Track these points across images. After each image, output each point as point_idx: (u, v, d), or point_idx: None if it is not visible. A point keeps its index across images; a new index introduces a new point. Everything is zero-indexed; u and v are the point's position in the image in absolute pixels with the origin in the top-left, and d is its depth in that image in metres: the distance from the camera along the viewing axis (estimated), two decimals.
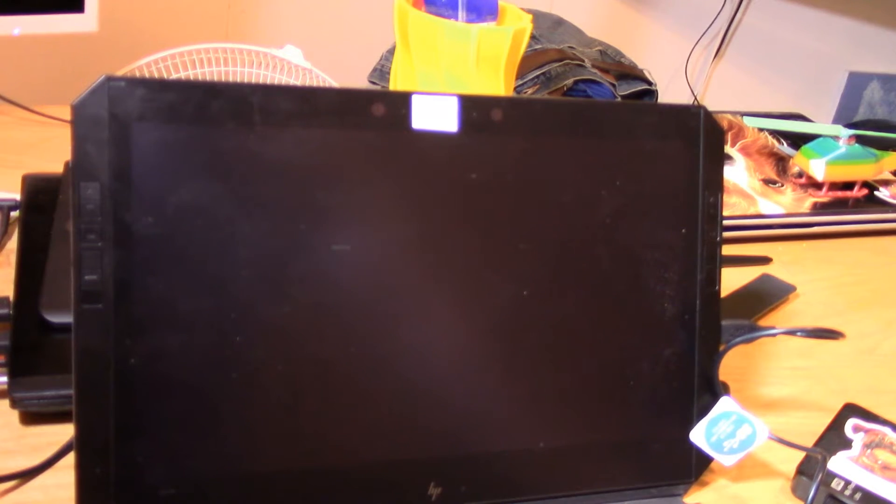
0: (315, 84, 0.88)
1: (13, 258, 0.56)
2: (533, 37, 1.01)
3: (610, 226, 0.46)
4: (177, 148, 0.39)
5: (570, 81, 0.96)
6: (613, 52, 1.08)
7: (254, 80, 0.86)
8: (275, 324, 0.40)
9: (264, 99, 0.40)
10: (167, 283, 0.39)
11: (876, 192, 0.91)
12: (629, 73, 1.05)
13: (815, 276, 0.77)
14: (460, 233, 0.44)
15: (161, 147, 0.38)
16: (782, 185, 0.88)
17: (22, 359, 0.47)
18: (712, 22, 1.43)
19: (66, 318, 0.40)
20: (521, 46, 0.67)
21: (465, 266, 0.44)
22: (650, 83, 1.05)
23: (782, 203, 0.84)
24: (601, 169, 0.46)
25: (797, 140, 0.95)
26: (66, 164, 0.65)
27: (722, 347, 0.49)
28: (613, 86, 1.00)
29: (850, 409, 0.56)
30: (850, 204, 0.88)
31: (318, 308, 0.41)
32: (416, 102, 0.42)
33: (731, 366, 0.50)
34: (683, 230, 0.48)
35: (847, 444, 0.53)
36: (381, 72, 1.01)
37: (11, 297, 0.51)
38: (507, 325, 0.45)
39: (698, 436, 0.48)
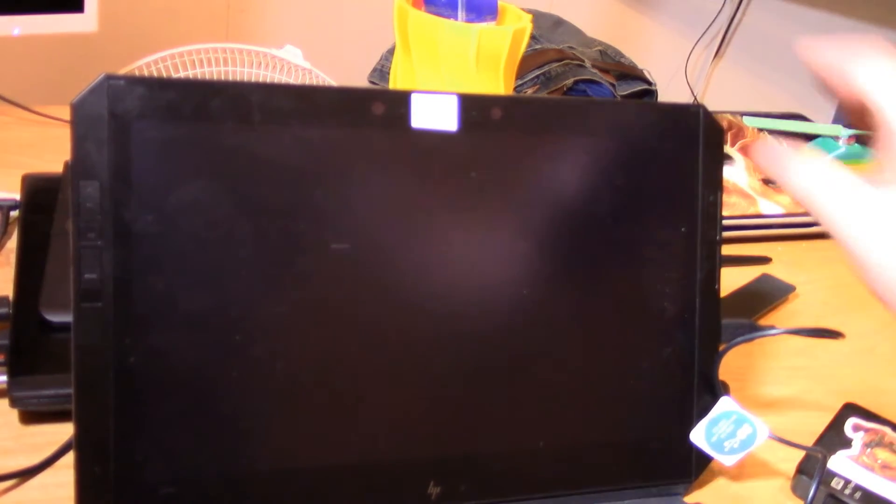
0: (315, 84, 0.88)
1: (13, 258, 0.56)
2: (533, 37, 1.01)
3: (609, 225, 0.46)
4: (176, 146, 0.39)
5: (569, 81, 0.96)
6: (613, 52, 1.08)
7: (253, 80, 0.86)
8: (274, 322, 0.40)
9: (264, 97, 0.40)
10: (167, 282, 0.39)
11: None
12: (629, 73, 1.05)
13: (814, 276, 0.77)
14: (459, 232, 0.44)
15: (160, 145, 0.38)
16: None
17: (21, 358, 0.47)
18: (712, 22, 1.43)
19: (66, 318, 0.40)
20: (521, 46, 0.67)
21: (464, 265, 0.44)
22: (650, 83, 1.05)
23: (782, 203, 0.84)
24: (600, 168, 0.46)
25: (797, 140, 0.95)
26: (66, 164, 0.65)
27: (722, 347, 0.49)
28: (613, 86, 1.00)
29: (850, 409, 0.56)
30: None
31: (317, 307, 0.41)
32: (416, 101, 0.42)
33: (730, 365, 0.50)
34: (683, 229, 0.48)
35: (847, 443, 0.53)
36: (381, 72, 1.01)
37: (11, 297, 0.51)
38: (506, 325, 0.45)
39: (698, 436, 0.48)
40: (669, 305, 0.48)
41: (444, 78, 0.66)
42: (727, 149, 0.92)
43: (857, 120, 0.40)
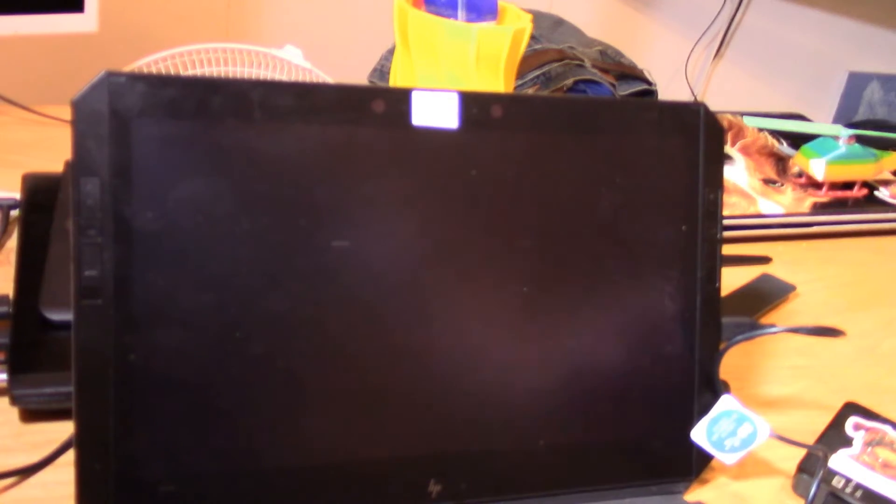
0: None
1: (13, 257, 0.57)
2: (533, 37, 1.01)
3: (610, 223, 0.46)
4: (177, 143, 0.39)
5: (570, 81, 0.96)
6: (613, 52, 1.08)
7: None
8: (274, 319, 0.40)
9: (264, 95, 0.40)
10: (167, 279, 0.39)
11: (876, 192, 0.91)
12: (629, 73, 1.05)
13: (815, 275, 0.77)
14: (460, 230, 0.44)
15: (161, 142, 0.38)
16: (782, 185, 0.88)
17: (22, 356, 0.47)
18: (712, 22, 1.43)
19: (66, 316, 0.40)
20: (521, 46, 0.67)
21: (464, 263, 0.44)
22: (650, 83, 1.05)
23: (782, 203, 0.84)
24: (601, 166, 0.46)
25: (797, 140, 0.95)
26: (66, 163, 0.65)
27: (723, 345, 0.49)
28: (613, 86, 1.00)
29: (851, 408, 0.56)
30: (849, 204, 0.88)
31: (317, 304, 0.41)
32: (417, 99, 0.42)
33: (731, 364, 0.50)
34: (683, 227, 0.48)
35: (848, 442, 0.53)
36: (381, 72, 1.01)
37: (11, 295, 0.51)
38: (506, 322, 0.45)
39: (699, 435, 0.48)
40: (670, 304, 0.48)
41: (443, 78, 0.66)
42: (727, 149, 0.93)
43: None
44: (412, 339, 0.43)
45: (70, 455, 0.39)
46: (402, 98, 0.42)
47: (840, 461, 0.51)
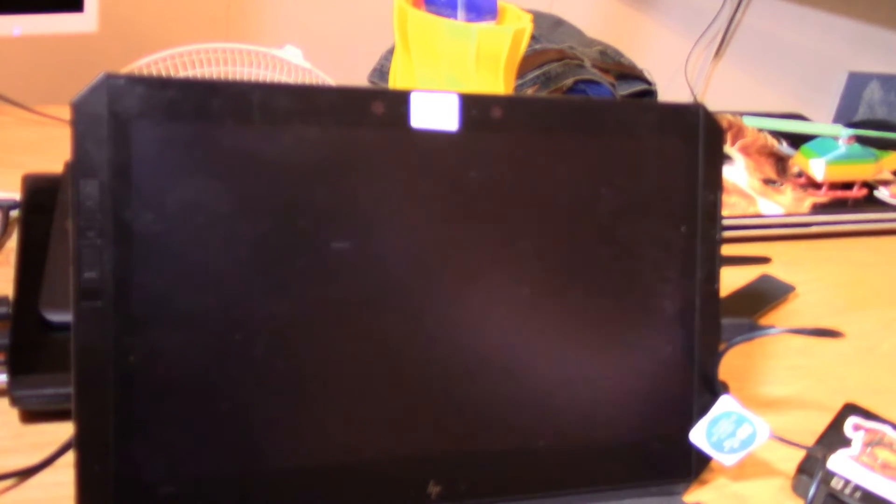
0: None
1: (13, 257, 0.57)
2: (533, 37, 1.01)
3: (609, 224, 0.46)
4: (176, 145, 0.39)
5: (569, 81, 0.96)
6: (613, 52, 1.08)
7: (254, 80, 0.86)
8: (274, 321, 0.40)
9: (264, 97, 0.40)
10: (167, 281, 0.39)
11: (875, 192, 0.91)
12: (629, 73, 1.05)
13: (814, 276, 0.77)
14: (459, 231, 0.44)
15: (161, 144, 0.38)
16: (782, 185, 0.88)
17: (22, 357, 0.47)
18: (712, 22, 1.43)
19: (66, 317, 0.40)
20: (521, 46, 0.67)
21: (464, 264, 0.44)
22: (650, 83, 1.05)
23: (782, 203, 0.84)
24: (601, 167, 0.46)
25: (797, 140, 0.95)
26: (66, 164, 0.65)
27: (722, 346, 0.49)
28: (613, 86, 1.00)
29: (850, 409, 0.56)
30: (849, 204, 0.88)
31: (317, 305, 0.41)
32: (416, 100, 0.42)
33: (730, 365, 0.50)
34: (683, 228, 0.48)
35: (847, 442, 0.53)
36: (381, 72, 1.01)
37: (11, 296, 0.51)
38: (506, 324, 0.45)
39: (698, 436, 0.48)
40: (669, 305, 0.48)
41: (443, 78, 0.66)
42: (727, 149, 0.93)
43: None
44: (412, 341, 0.43)
45: (70, 456, 0.39)
46: (401, 100, 0.42)
47: (839, 462, 0.51)
